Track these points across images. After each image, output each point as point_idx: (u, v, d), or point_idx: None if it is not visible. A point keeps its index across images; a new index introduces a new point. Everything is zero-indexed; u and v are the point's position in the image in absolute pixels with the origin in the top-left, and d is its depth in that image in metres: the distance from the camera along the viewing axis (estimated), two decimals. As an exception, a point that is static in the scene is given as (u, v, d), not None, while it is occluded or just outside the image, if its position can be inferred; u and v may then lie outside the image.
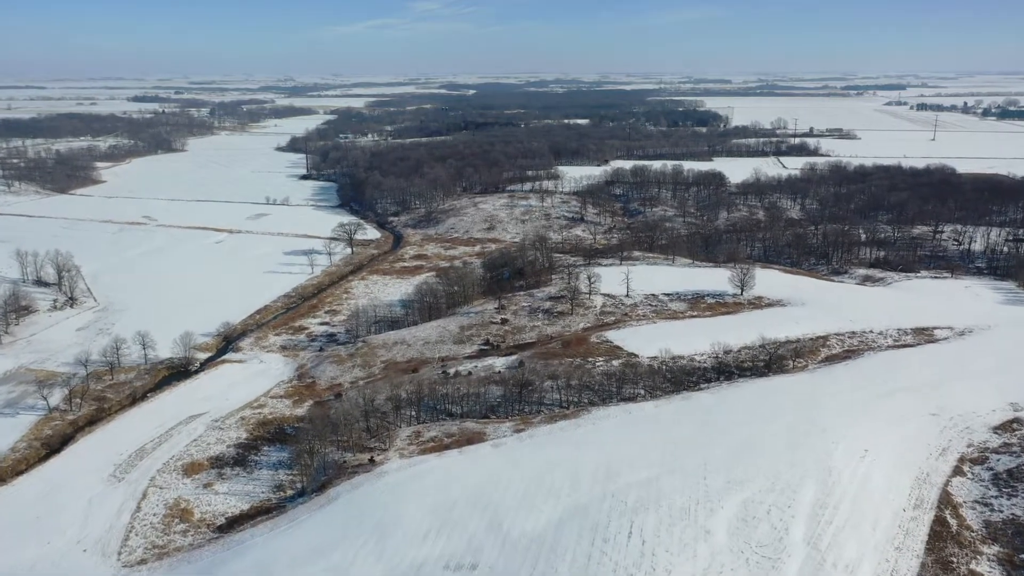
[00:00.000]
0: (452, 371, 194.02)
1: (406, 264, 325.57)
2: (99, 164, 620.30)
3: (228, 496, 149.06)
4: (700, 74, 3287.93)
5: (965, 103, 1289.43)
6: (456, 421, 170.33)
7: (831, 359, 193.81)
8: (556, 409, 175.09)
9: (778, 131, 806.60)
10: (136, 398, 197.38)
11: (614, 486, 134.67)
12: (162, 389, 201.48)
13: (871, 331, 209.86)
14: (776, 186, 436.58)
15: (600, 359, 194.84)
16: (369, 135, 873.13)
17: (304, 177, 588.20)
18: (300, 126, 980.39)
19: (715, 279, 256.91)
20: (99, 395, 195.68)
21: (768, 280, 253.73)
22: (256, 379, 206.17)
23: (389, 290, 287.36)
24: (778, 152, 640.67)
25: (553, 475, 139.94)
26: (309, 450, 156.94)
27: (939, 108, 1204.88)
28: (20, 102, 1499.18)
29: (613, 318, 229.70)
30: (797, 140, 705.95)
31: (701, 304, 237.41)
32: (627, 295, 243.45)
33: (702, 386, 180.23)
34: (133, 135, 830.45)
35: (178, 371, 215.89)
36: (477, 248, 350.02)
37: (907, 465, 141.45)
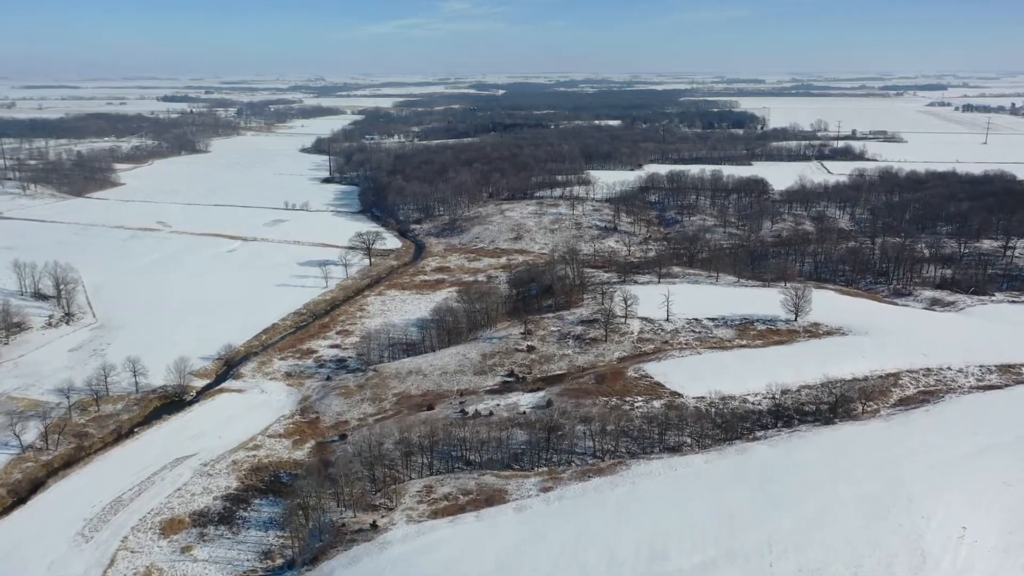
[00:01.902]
0: (471, 410, 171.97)
1: (427, 277, 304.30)
2: (119, 166, 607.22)
3: (207, 565, 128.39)
4: (732, 74, 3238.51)
5: (1013, 104, 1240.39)
6: (474, 474, 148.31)
7: (906, 402, 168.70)
8: (589, 460, 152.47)
9: (819, 133, 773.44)
10: (121, 434, 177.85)
11: (660, 572, 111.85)
12: (151, 423, 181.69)
13: (949, 368, 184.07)
14: (823, 194, 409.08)
15: (639, 399, 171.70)
16: (396, 136, 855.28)
17: (326, 180, 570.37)
18: (327, 127, 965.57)
19: (764, 301, 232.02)
20: (80, 430, 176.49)
21: (824, 303, 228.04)
22: (255, 412, 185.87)
23: (407, 307, 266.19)
24: (821, 156, 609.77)
25: (586, 553, 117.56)
26: (304, 506, 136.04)
27: (986, 109, 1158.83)
28: (51, 102, 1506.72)
29: (652, 346, 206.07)
30: (840, 143, 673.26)
31: (751, 331, 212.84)
32: (667, 319, 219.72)
33: (758, 435, 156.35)
34: (157, 136, 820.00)
35: (172, 401, 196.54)
36: (503, 260, 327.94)
37: (1016, 548, 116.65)
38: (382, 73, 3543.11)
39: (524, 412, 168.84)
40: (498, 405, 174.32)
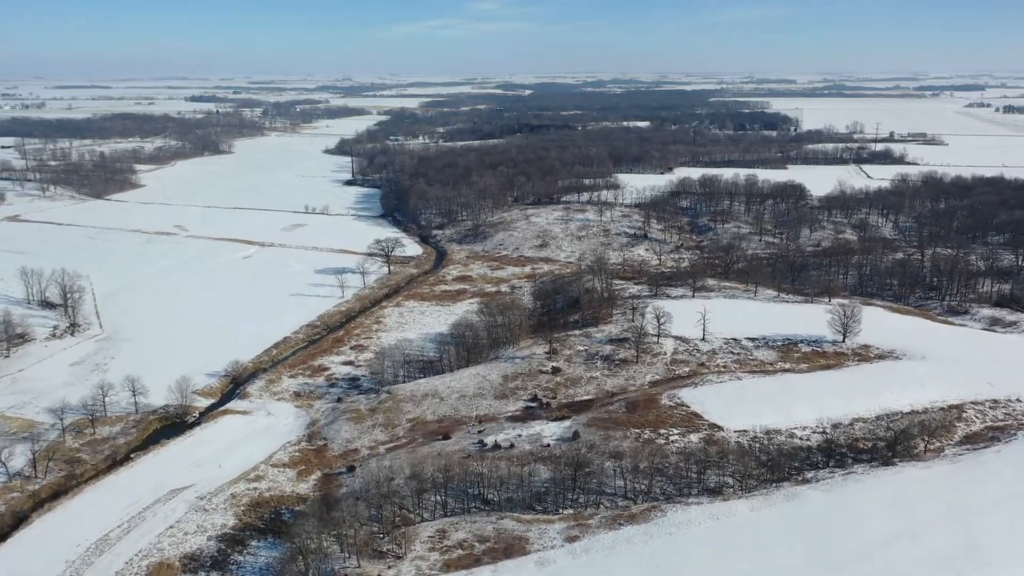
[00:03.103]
0: (490, 441, 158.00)
1: (447, 287, 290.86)
2: (141, 167, 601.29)
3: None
4: (762, 74, 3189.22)
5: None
6: (492, 516, 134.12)
7: (972, 440, 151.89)
8: (619, 502, 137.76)
9: (855, 135, 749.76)
10: (116, 460, 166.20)
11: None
12: (148, 448, 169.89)
13: (1018, 399, 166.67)
14: (863, 200, 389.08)
15: (674, 431, 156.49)
16: (420, 137, 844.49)
17: (348, 183, 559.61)
18: (352, 127, 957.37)
19: (807, 318, 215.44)
20: (72, 456, 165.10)
21: (872, 321, 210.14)
22: (259, 438, 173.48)
23: (426, 320, 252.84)
24: (859, 159, 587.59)
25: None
26: (304, 551, 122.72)
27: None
28: (81, 101, 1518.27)
29: (687, 368, 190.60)
30: (879, 146, 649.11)
31: (794, 353, 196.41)
32: (703, 339, 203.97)
33: (808, 476, 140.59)
34: (182, 136, 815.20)
35: (173, 422, 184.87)
36: (527, 269, 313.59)
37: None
38: (409, 73, 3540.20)
39: (548, 445, 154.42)
40: (520, 436, 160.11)
